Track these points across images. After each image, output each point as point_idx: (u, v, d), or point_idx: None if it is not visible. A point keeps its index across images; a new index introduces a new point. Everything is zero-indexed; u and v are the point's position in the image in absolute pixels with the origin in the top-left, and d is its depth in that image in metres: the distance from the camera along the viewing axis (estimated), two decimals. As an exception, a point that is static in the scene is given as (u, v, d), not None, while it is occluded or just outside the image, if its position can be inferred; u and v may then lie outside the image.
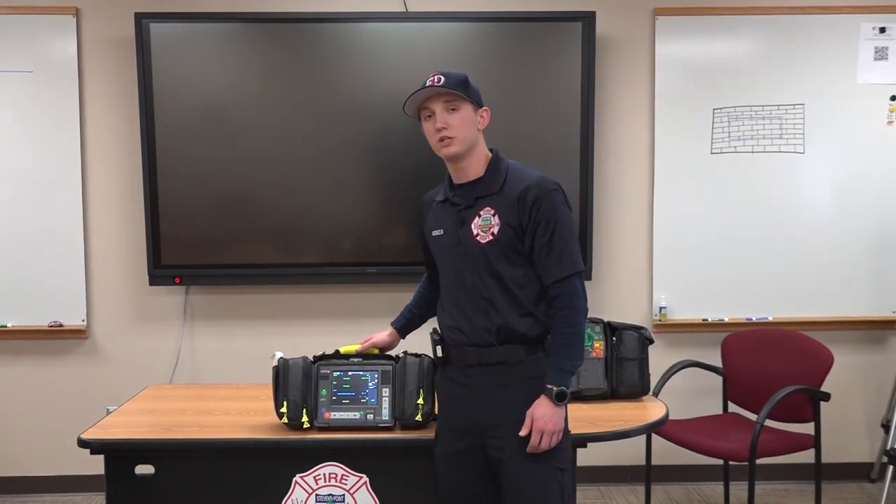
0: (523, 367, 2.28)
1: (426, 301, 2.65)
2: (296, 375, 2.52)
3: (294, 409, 2.50)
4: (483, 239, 2.28)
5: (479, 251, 2.29)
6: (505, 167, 2.34)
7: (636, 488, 4.15)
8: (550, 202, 2.25)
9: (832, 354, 3.59)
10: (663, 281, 4.19)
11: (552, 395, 2.22)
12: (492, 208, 2.29)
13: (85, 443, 2.46)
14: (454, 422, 2.35)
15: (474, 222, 2.30)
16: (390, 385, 2.55)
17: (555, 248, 2.24)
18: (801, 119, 4.14)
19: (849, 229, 4.18)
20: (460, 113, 2.29)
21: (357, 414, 2.52)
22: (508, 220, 2.26)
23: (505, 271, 2.27)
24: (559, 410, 2.23)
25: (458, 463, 2.34)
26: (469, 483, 2.34)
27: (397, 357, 2.59)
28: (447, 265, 2.38)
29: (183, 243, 4.02)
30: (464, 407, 2.33)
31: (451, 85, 2.28)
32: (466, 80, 2.32)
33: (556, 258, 2.24)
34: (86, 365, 4.17)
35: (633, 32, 4.14)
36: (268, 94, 4.00)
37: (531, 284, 2.28)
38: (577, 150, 4.01)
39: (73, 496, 4.15)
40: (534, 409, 2.23)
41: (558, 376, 2.23)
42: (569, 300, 2.25)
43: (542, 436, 2.21)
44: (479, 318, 2.30)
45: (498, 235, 2.27)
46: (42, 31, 4.01)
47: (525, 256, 2.28)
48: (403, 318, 2.68)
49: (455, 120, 2.29)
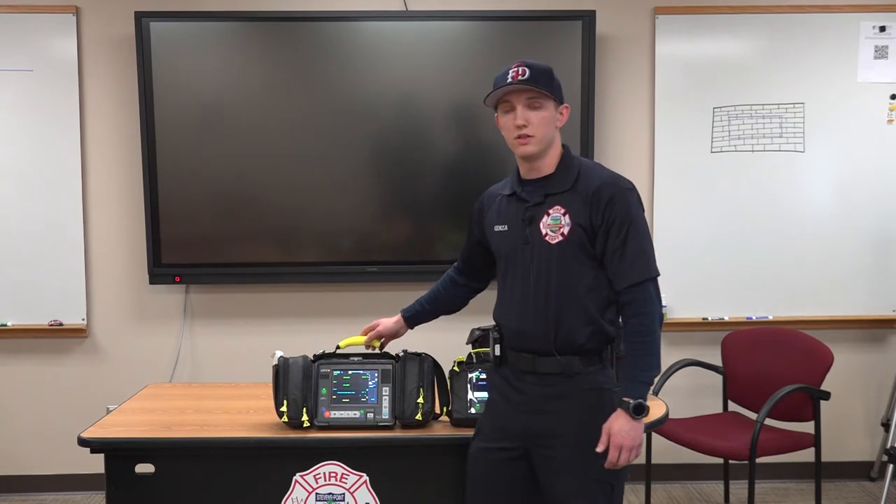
0: (580, 379, 2.19)
1: (440, 300, 2.59)
2: (296, 374, 2.52)
3: (294, 408, 2.50)
4: (552, 239, 2.18)
5: (548, 252, 2.19)
6: (577, 164, 2.24)
7: (636, 487, 4.15)
8: (625, 202, 2.15)
9: (832, 353, 3.60)
10: (663, 279, 4.09)
11: (629, 409, 2.09)
12: (562, 207, 2.19)
13: (85, 441, 2.46)
14: (503, 422, 2.28)
15: (543, 221, 2.20)
16: (390, 384, 2.54)
17: (628, 251, 2.14)
18: (801, 118, 4.14)
19: (849, 228, 4.18)
20: (543, 111, 2.19)
21: (357, 413, 2.52)
22: (579, 220, 2.16)
23: (573, 275, 2.17)
24: (637, 425, 2.11)
25: (497, 461, 2.27)
26: (502, 483, 2.27)
27: (397, 356, 2.59)
28: (511, 264, 2.27)
29: (183, 242, 4.02)
30: (517, 411, 2.25)
31: (537, 81, 2.17)
32: (551, 75, 2.21)
33: (630, 262, 2.14)
34: (86, 364, 4.17)
35: (633, 31, 4.14)
36: (268, 92, 3.99)
37: (600, 289, 2.18)
38: (577, 149, 4.00)
39: (73, 495, 4.15)
40: (611, 424, 2.12)
41: (635, 388, 2.11)
42: (643, 306, 2.14)
43: (621, 451, 2.11)
44: (540, 322, 2.20)
45: (568, 236, 2.17)
46: (42, 30, 4.00)
47: (596, 259, 2.18)
48: (414, 310, 2.60)
49: (536, 118, 2.19)
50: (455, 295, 2.59)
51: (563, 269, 2.18)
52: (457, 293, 2.58)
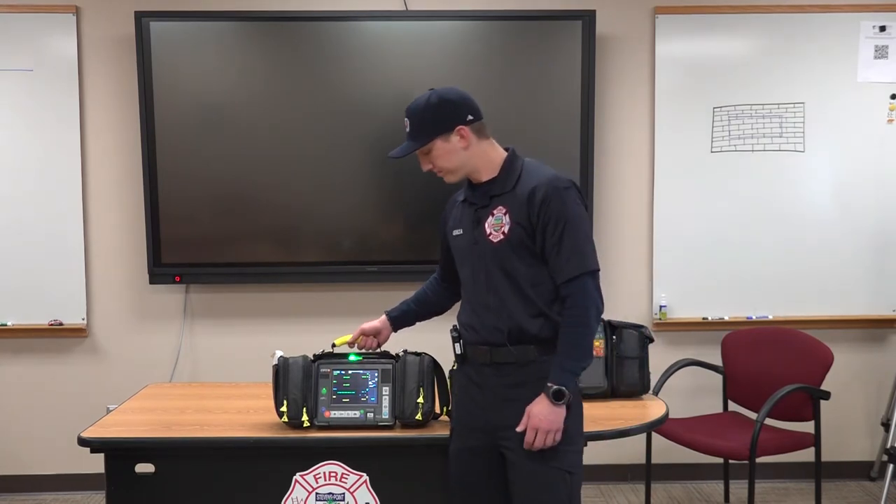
0: (535, 368, 2.26)
1: (425, 302, 2.65)
2: (296, 374, 2.52)
3: (294, 408, 2.50)
4: (495, 238, 2.27)
5: (491, 250, 2.28)
6: (519, 166, 2.32)
7: (636, 487, 4.15)
8: (560, 201, 2.22)
9: (832, 353, 3.60)
10: (663, 279, 4.20)
11: (549, 394, 2.19)
12: (504, 207, 2.28)
13: (85, 441, 2.46)
14: (469, 419, 2.36)
15: (487, 221, 2.30)
16: (390, 384, 2.54)
17: (564, 248, 2.21)
18: (801, 117, 4.14)
19: (849, 227, 4.18)
20: (434, 152, 2.31)
21: (357, 413, 2.52)
22: (518, 220, 2.25)
23: (516, 270, 2.26)
24: (556, 410, 2.20)
25: (471, 460, 2.34)
26: (480, 480, 2.34)
27: (397, 356, 2.59)
28: (464, 264, 2.38)
29: (183, 242, 4.02)
30: (478, 406, 2.33)
31: (413, 136, 2.31)
32: (421, 118, 2.31)
33: (566, 257, 2.21)
34: (86, 363, 4.17)
35: (633, 31, 4.14)
36: (268, 92, 3.99)
37: (545, 284, 2.26)
38: (577, 148, 4.00)
39: (73, 494, 4.15)
40: (531, 407, 2.22)
41: (559, 375, 2.21)
42: (577, 299, 2.21)
43: (537, 434, 2.20)
44: (490, 317, 2.29)
45: (508, 234, 2.26)
46: (42, 30, 4.00)
47: (537, 256, 2.26)
48: (399, 310, 2.65)
49: (434, 159, 2.32)
50: (441, 296, 2.64)
51: (506, 266, 2.27)
52: (443, 295, 2.64)
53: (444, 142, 2.30)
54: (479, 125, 2.33)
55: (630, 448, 3.75)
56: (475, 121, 2.31)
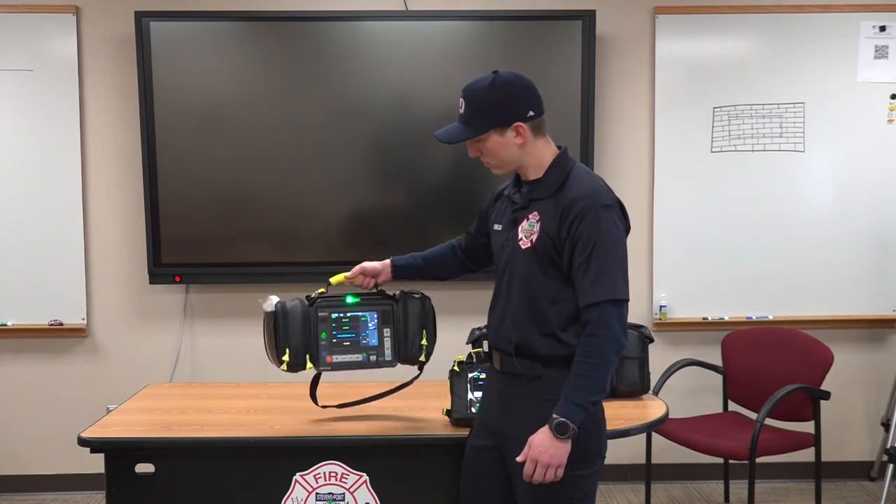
0: (541, 386, 2.14)
1: (434, 263, 2.55)
2: (295, 320, 2.43)
3: (295, 355, 2.43)
4: (524, 244, 2.15)
5: (518, 257, 2.17)
6: (565, 172, 2.17)
7: (636, 487, 4.15)
8: (595, 218, 2.06)
9: (832, 353, 3.60)
10: (663, 279, 4.20)
11: (552, 426, 2.04)
12: (539, 213, 2.15)
13: (85, 441, 2.46)
14: (483, 418, 2.33)
15: (521, 225, 2.18)
16: (391, 325, 2.50)
17: (591, 269, 2.05)
18: (802, 118, 4.14)
19: (849, 227, 4.18)
20: (487, 143, 2.16)
21: (359, 356, 2.48)
22: (548, 230, 2.11)
23: (537, 282, 2.13)
24: (559, 444, 2.04)
25: (482, 459, 2.30)
26: (487, 479, 2.29)
27: (394, 296, 2.53)
28: (498, 262, 2.28)
29: (183, 242, 4.02)
30: (493, 409, 2.28)
31: (468, 121, 2.15)
32: (480, 103, 2.15)
33: (592, 280, 2.05)
34: (86, 363, 4.17)
35: (633, 31, 4.14)
36: (268, 92, 3.99)
37: (565, 303, 2.12)
38: (577, 148, 4.00)
39: (73, 494, 4.15)
40: (533, 437, 2.08)
41: (565, 407, 2.04)
42: (596, 328, 2.04)
43: (537, 466, 2.06)
44: (504, 324, 2.21)
45: (536, 243, 2.13)
46: (42, 30, 4.00)
47: (563, 272, 2.11)
48: (404, 261, 2.54)
49: (485, 149, 2.17)
50: (451, 262, 2.55)
51: (528, 276, 2.15)
52: (454, 262, 2.54)
53: (500, 135, 2.14)
54: (539, 122, 2.17)
55: (630, 448, 3.74)
56: (536, 117, 2.16)
